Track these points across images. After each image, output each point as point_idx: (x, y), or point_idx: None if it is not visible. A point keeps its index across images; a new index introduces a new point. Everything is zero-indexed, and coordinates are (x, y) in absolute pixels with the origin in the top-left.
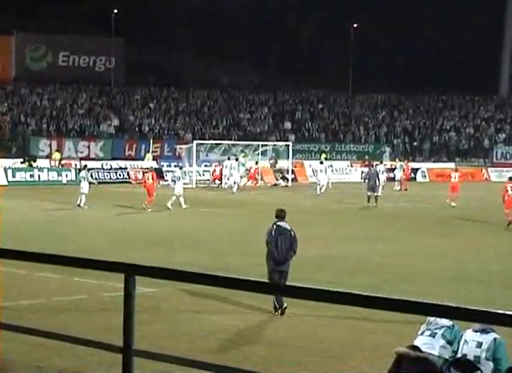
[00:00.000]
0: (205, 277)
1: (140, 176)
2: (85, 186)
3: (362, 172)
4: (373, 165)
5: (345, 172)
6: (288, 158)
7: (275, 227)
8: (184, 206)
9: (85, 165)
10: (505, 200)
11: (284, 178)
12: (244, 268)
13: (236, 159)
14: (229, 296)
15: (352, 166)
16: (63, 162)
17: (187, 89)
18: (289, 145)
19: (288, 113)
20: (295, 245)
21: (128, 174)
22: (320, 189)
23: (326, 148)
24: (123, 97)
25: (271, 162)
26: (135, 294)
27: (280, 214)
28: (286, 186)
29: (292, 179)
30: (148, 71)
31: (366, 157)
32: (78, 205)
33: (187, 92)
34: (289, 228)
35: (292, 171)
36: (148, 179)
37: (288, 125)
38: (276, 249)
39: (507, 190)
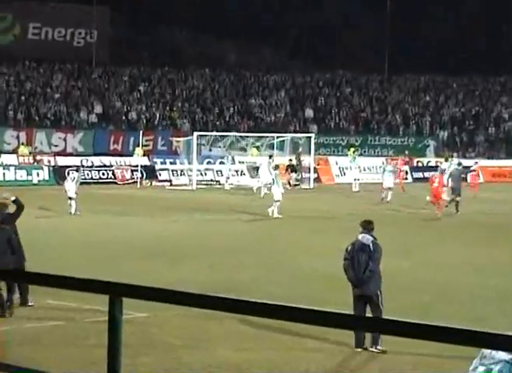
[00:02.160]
0: (208, 300)
1: (128, 175)
2: (71, 188)
3: (401, 171)
4: (447, 159)
5: (379, 170)
6: (309, 153)
7: (353, 241)
8: (275, 215)
9: (79, 167)
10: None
11: (295, 172)
12: (260, 286)
13: (270, 157)
14: (238, 322)
15: (387, 163)
16: (33, 157)
17: (185, 69)
18: (310, 138)
19: (309, 99)
20: (373, 262)
21: (114, 173)
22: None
23: (356, 141)
24: (107, 78)
25: (294, 158)
26: (122, 320)
27: (365, 226)
28: (297, 184)
29: (314, 180)
30: (138, 47)
31: (406, 152)
32: (74, 213)
33: (186, 72)
34: (369, 242)
35: (315, 169)
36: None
37: (309, 113)
38: (352, 269)
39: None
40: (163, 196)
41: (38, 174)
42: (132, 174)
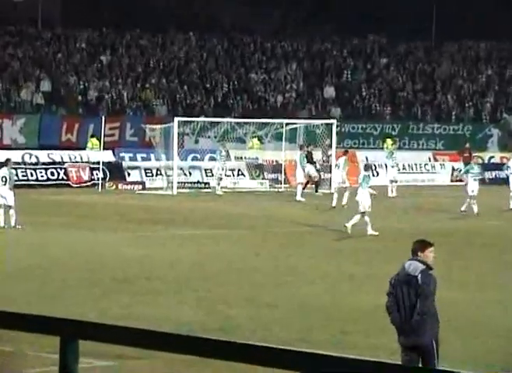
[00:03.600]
0: (190, 342)
1: (86, 175)
2: (9, 195)
3: (454, 170)
4: None
5: (424, 168)
6: (330, 146)
7: (398, 271)
8: (370, 232)
9: (8, 159)
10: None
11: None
12: (264, 326)
13: (302, 147)
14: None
15: (435, 159)
16: None
17: (164, 33)
18: (331, 125)
19: (330, 73)
20: (422, 301)
21: (67, 172)
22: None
23: (393, 130)
24: (57, 45)
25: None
26: (77, 370)
27: (414, 248)
28: (316, 189)
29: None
30: (99, 3)
31: (467, 145)
32: (14, 226)
33: (165, 37)
34: (417, 271)
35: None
36: None
37: (330, 92)
38: (397, 307)
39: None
40: (131, 203)
41: None
42: (92, 174)
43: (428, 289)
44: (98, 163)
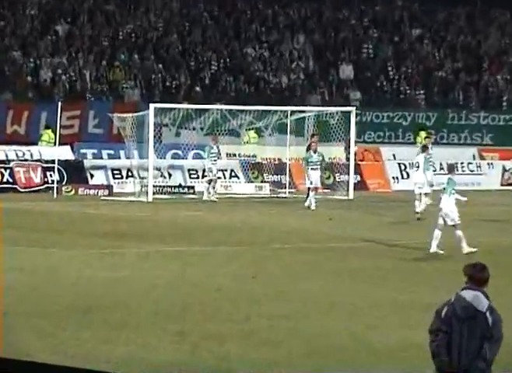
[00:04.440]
0: None
1: (38, 176)
2: None
3: (506, 171)
4: None
5: (467, 169)
6: (348, 141)
7: (451, 301)
8: (466, 250)
9: None
10: None
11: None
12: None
13: (425, 148)
14: None
15: (481, 157)
16: None
17: None
18: (349, 114)
19: (347, 48)
20: (491, 344)
21: (13, 173)
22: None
23: (428, 120)
24: (1, 13)
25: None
26: None
27: (472, 275)
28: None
29: (354, 185)
30: None
31: None
32: None
33: (138, 1)
34: (485, 307)
35: (357, 168)
36: None
37: (347, 71)
38: (447, 349)
39: None
40: (95, 213)
41: None
42: (45, 175)
43: (500, 332)
44: (53, 162)
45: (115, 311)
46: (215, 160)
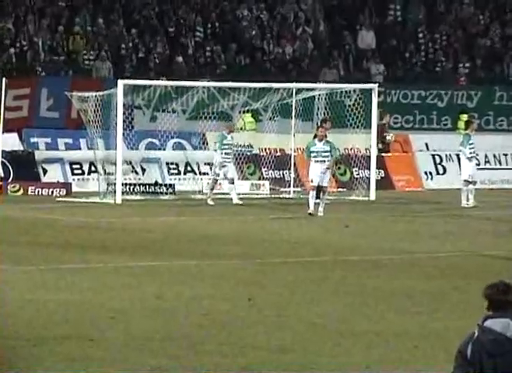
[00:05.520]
0: None
1: None
2: None
3: None
4: None
5: None
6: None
7: (475, 335)
8: None
9: None
10: None
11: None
12: None
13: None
14: None
15: None
16: None
17: None
18: (371, 92)
19: (367, 9)
20: None
21: None
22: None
23: (470, 101)
24: None
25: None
26: None
27: (493, 299)
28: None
29: (377, 182)
30: None
31: None
32: None
33: None
34: None
35: (379, 161)
36: None
37: (367, 40)
38: None
39: None
40: (50, 218)
41: None
42: None
43: None
44: None
45: (75, 343)
46: (228, 154)
